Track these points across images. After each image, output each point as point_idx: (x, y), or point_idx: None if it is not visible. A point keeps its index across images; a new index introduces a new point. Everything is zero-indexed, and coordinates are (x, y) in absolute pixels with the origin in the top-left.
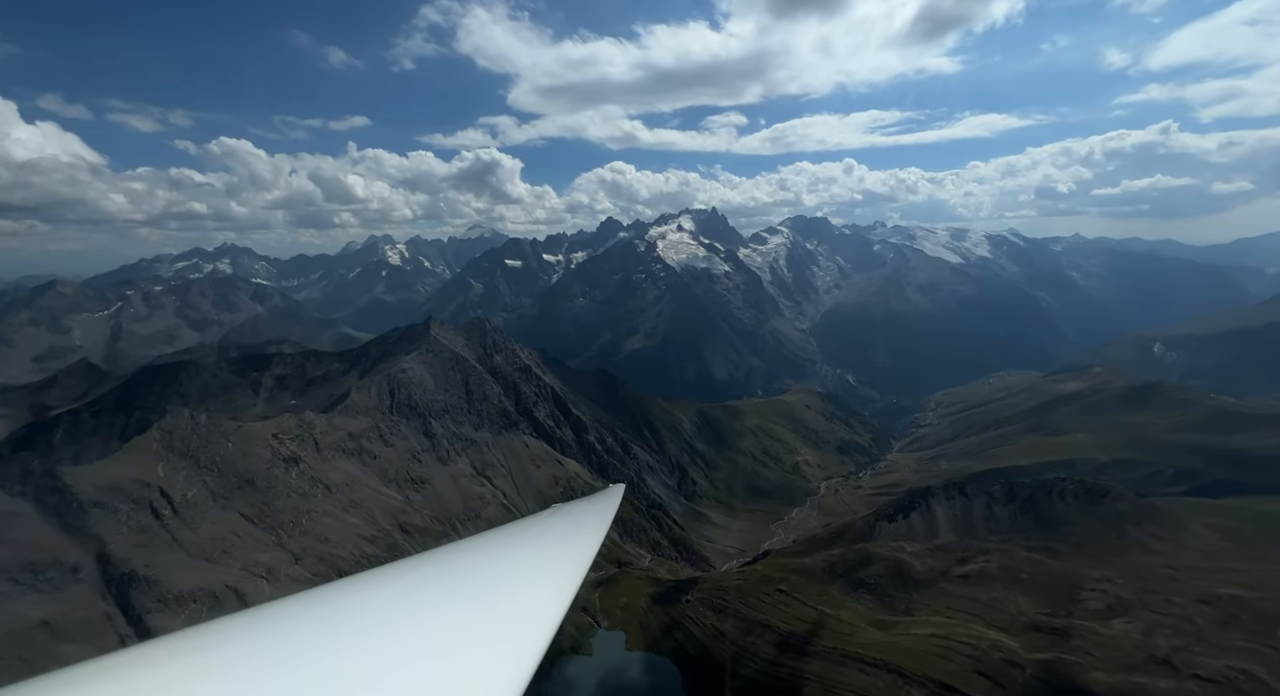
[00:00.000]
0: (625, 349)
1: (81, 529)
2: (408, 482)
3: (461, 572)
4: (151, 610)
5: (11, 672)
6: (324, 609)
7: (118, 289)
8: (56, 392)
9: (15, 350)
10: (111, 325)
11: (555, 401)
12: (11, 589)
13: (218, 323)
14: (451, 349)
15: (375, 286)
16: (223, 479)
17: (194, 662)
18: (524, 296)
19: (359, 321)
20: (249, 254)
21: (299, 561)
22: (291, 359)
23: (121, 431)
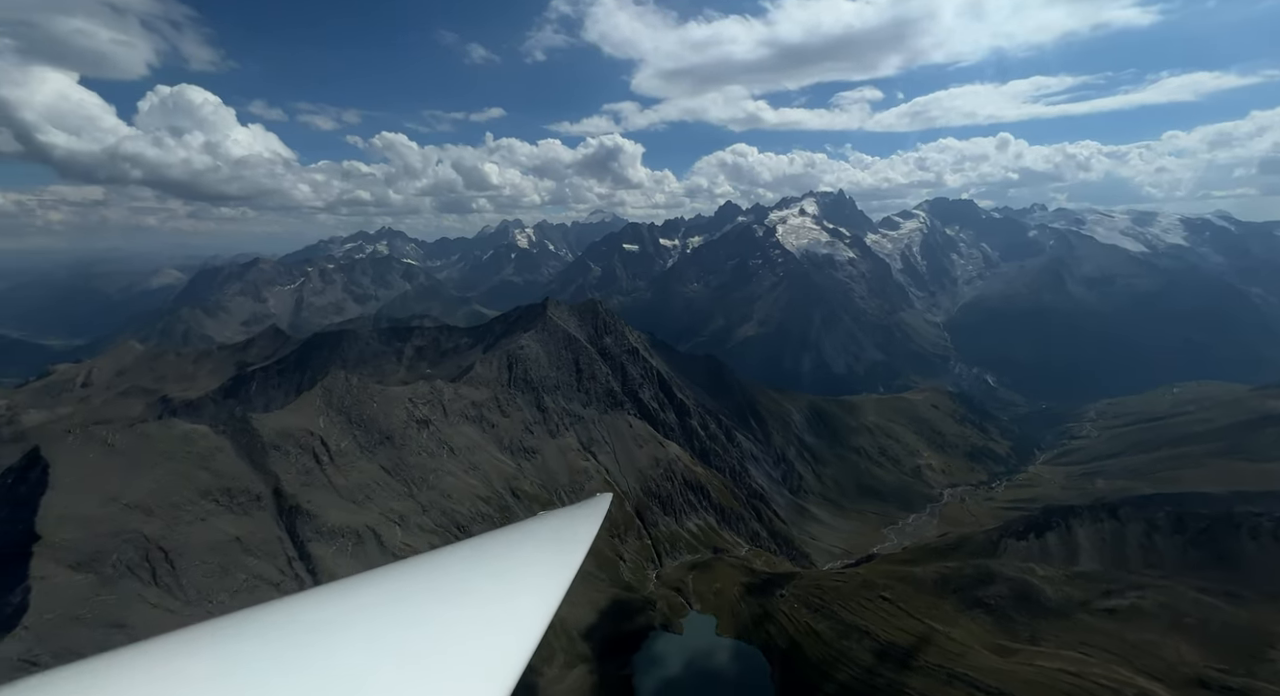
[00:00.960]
0: (737, 336)
1: (263, 465)
2: (520, 451)
3: (450, 578)
4: (310, 539)
5: (214, 577)
6: (309, 613)
7: (301, 266)
8: (254, 351)
9: (230, 315)
10: (296, 297)
11: (660, 384)
12: (214, 508)
13: (375, 297)
14: (565, 329)
15: (505, 268)
16: (368, 434)
17: (182, 665)
18: (639, 280)
19: (489, 300)
20: (402, 237)
21: (425, 512)
22: (429, 332)
23: (297, 387)
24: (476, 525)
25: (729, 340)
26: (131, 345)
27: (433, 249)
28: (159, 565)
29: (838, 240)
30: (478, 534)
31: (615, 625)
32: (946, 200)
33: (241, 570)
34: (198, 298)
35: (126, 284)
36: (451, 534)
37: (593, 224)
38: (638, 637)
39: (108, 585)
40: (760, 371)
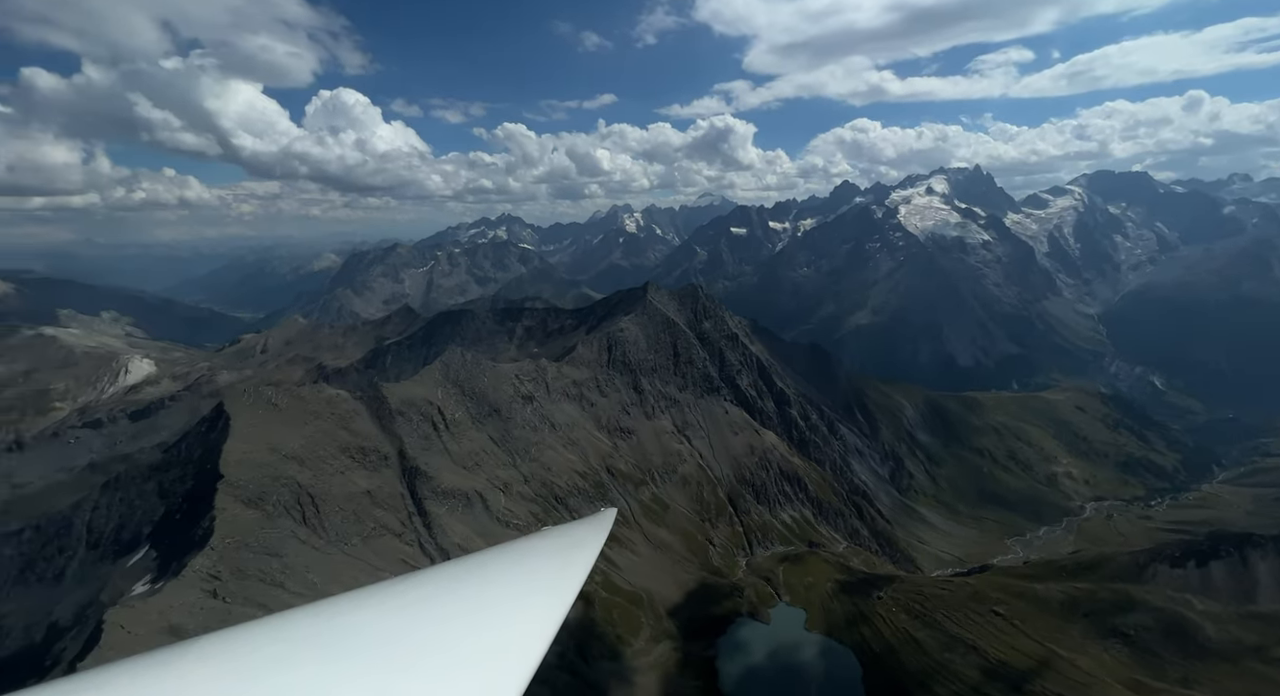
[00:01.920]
0: (848, 324)
1: (391, 429)
2: (617, 431)
3: (453, 592)
4: (427, 498)
5: (349, 523)
6: (315, 626)
7: (432, 251)
8: (390, 327)
9: (373, 294)
10: (427, 279)
11: (760, 371)
12: (350, 463)
13: (494, 280)
14: (664, 313)
15: (613, 252)
16: (479, 406)
17: (181, 678)
18: (746, 264)
19: (597, 283)
20: (519, 222)
21: (526, 482)
22: (537, 314)
23: (424, 360)
24: (572, 498)
25: (838, 328)
26: (297, 319)
27: (547, 234)
28: (307, 508)
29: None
30: (574, 506)
31: (701, 607)
32: (1111, 173)
33: (370, 519)
34: (348, 279)
35: (296, 266)
36: (550, 503)
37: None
38: (723, 622)
39: (269, 520)
40: (871, 362)
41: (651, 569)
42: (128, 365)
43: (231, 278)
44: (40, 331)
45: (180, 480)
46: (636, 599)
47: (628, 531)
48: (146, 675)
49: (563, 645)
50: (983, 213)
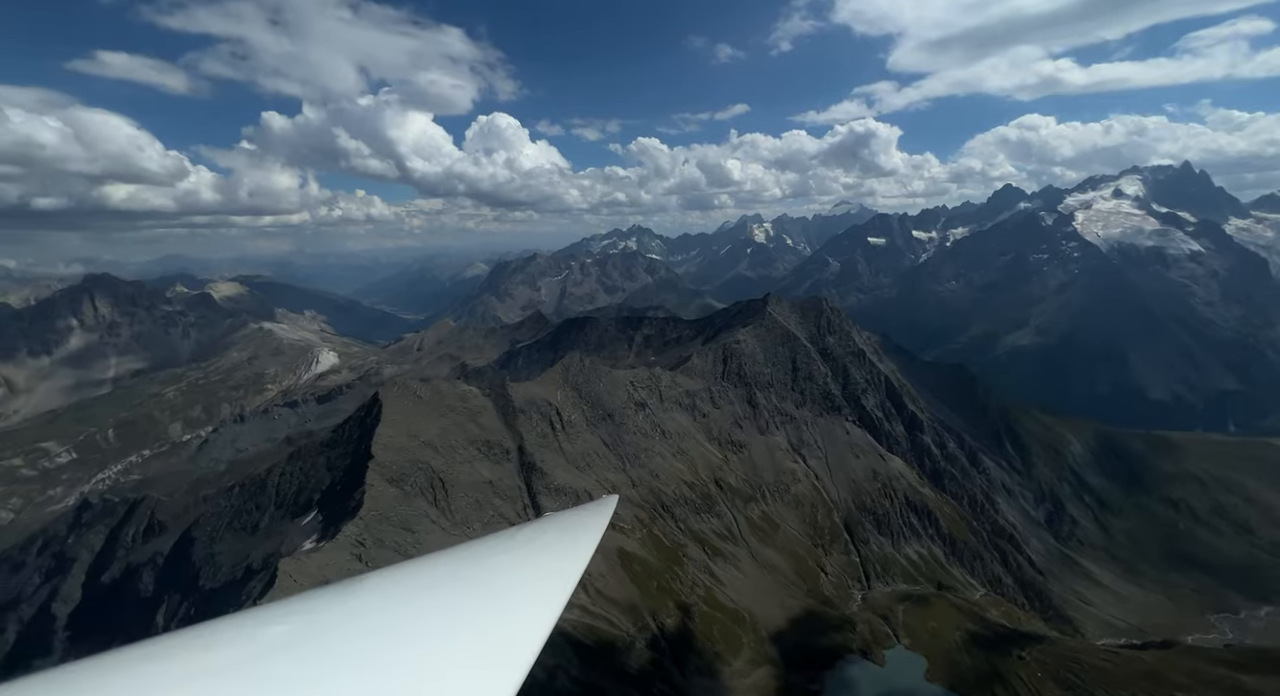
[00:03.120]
0: (1003, 345)
1: (513, 426)
2: (728, 444)
3: (456, 577)
4: (541, 493)
5: (472, 509)
6: (314, 613)
7: (566, 260)
8: (523, 331)
9: (513, 300)
10: (561, 287)
11: (888, 391)
12: (476, 454)
13: (622, 289)
14: (784, 326)
15: (740, 263)
16: (594, 409)
17: (181, 665)
18: (883, 276)
19: (722, 293)
20: (648, 233)
21: (635, 487)
22: (656, 322)
23: (550, 362)
24: (679, 507)
25: (991, 349)
26: (448, 322)
27: (675, 244)
28: (438, 491)
29: (1174, 228)
30: (680, 515)
31: (807, 636)
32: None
33: (490, 507)
34: (494, 286)
35: (453, 273)
36: (655, 510)
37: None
38: (830, 656)
39: (406, 499)
40: (1030, 389)
41: (756, 589)
42: (319, 356)
43: (401, 283)
44: (262, 326)
45: (342, 457)
46: (739, 618)
47: (734, 547)
48: (149, 664)
49: (660, 652)
50: (1192, 218)
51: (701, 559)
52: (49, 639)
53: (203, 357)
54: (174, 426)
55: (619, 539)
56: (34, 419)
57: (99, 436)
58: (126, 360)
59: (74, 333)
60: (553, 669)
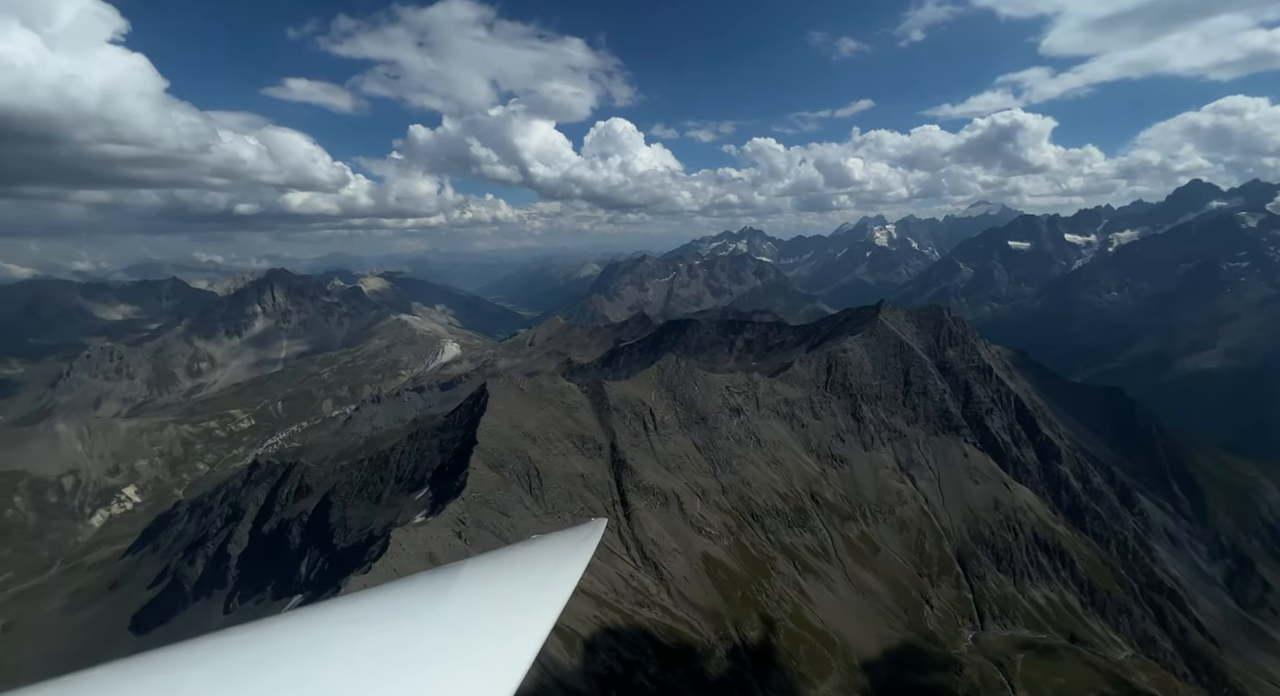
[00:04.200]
0: (1179, 368)
1: (607, 423)
2: (827, 457)
3: (437, 602)
4: (629, 490)
5: (563, 500)
6: (299, 634)
7: (674, 262)
8: (626, 331)
9: (621, 300)
10: (668, 289)
11: (1018, 413)
12: (571, 448)
13: (729, 291)
14: (897, 335)
15: (858, 267)
16: (687, 412)
17: (172, 680)
18: (1026, 285)
19: (835, 299)
20: (760, 235)
21: (724, 493)
22: (759, 327)
23: (650, 363)
24: (769, 518)
25: (1162, 372)
26: (558, 319)
27: (787, 247)
28: (533, 480)
29: None
30: (770, 526)
31: (904, 671)
32: None
33: (581, 500)
34: (603, 286)
35: (567, 273)
36: (744, 518)
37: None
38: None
39: (505, 485)
40: (1213, 422)
41: (850, 613)
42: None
43: (521, 281)
44: (400, 317)
45: (453, 440)
46: (828, 640)
47: (827, 566)
48: (142, 677)
49: (740, 663)
50: None
51: (791, 574)
52: (224, 574)
53: (352, 344)
54: (326, 403)
55: (704, 543)
56: (227, 389)
57: (271, 407)
58: (294, 343)
59: (258, 318)
60: (630, 664)
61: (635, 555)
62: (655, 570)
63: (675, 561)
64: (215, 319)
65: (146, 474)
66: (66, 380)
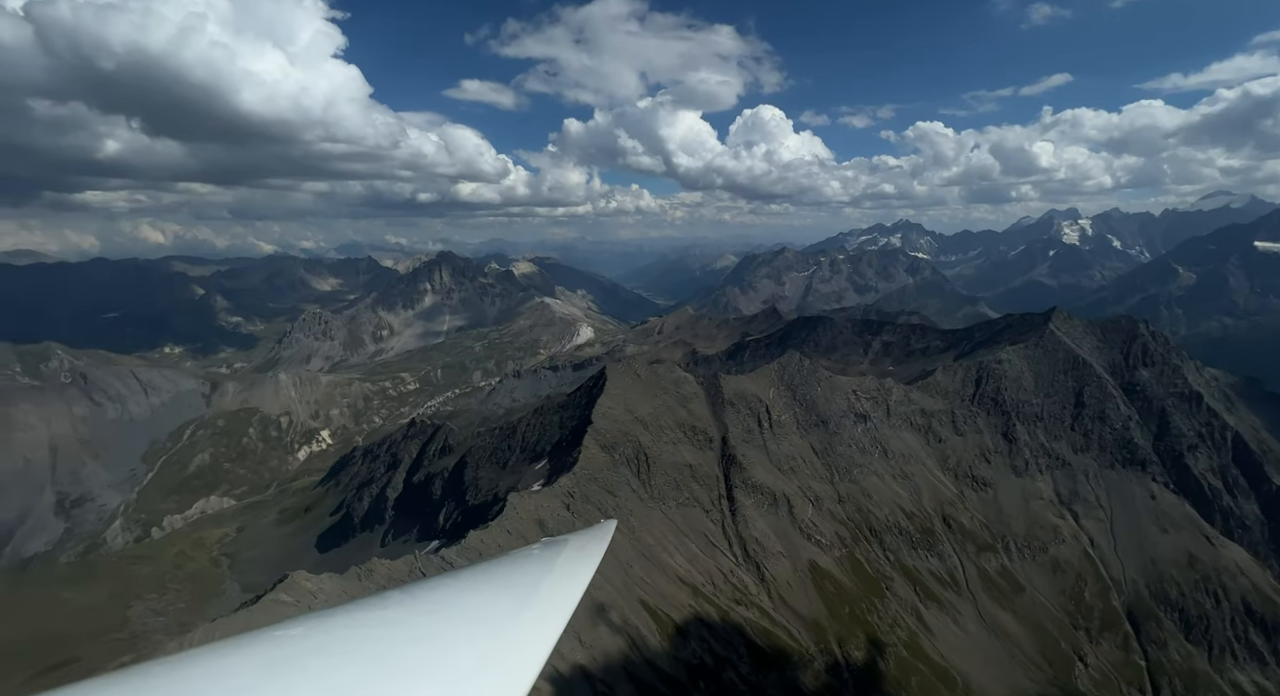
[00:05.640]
0: None
1: (720, 416)
2: (967, 478)
3: (448, 605)
4: (737, 486)
5: (669, 488)
6: (314, 637)
7: (816, 256)
8: (755, 325)
9: (755, 293)
10: (806, 283)
11: (1236, 453)
12: (681, 438)
13: (874, 289)
14: (1071, 348)
15: (1036, 267)
16: (807, 413)
17: (183, 686)
18: (1276, 297)
19: (1004, 302)
20: (918, 229)
21: (840, 502)
22: (899, 329)
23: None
24: (889, 535)
25: None
26: (688, 309)
27: (949, 242)
28: (641, 464)
29: None
30: (889, 544)
31: None
32: None
33: (687, 490)
34: (738, 278)
35: (703, 264)
36: (860, 531)
37: (1199, 212)
38: None
39: (614, 466)
40: None
41: (977, 652)
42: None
43: (658, 270)
44: (543, 300)
45: (571, 418)
46: (948, 678)
47: (955, 597)
48: (154, 683)
49: (840, 681)
50: None
51: (909, 598)
52: (383, 513)
53: (501, 322)
54: (475, 374)
55: (812, 551)
56: (400, 355)
57: (432, 374)
58: (455, 318)
59: (427, 294)
60: (721, 659)
61: (737, 551)
62: (757, 570)
63: (779, 564)
64: (395, 294)
65: (337, 421)
66: (288, 338)
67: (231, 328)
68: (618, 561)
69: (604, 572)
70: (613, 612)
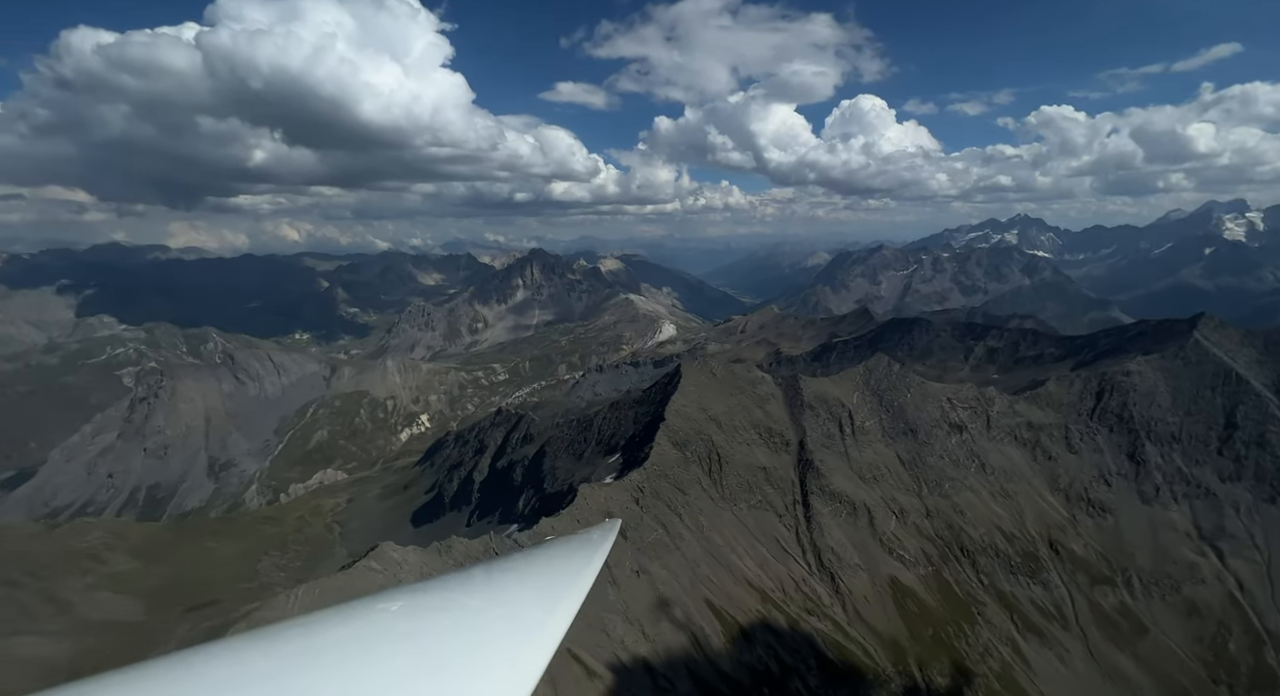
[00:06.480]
0: None
1: (798, 419)
2: (1081, 501)
3: (457, 603)
4: (813, 492)
5: (741, 490)
6: (314, 637)
7: (917, 254)
8: (844, 326)
9: (848, 293)
10: (905, 283)
11: None
12: (756, 439)
13: (983, 290)
14: (1223, 361)
15: (1188, 267)
16: (894, 420)
17: (190, 683)
18: None
19: (1141, 307)
20: (1039, 225)
21: (929, 517)
22: (1009, 334)
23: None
24: (984, 557)
25: None
26: (773, 308)
27: (1077, 239)
28: (714, 463)
29: None
30: (983, 566)
31: None
32: None
33: (760, 492)
34: (830, 277)
35: (793, 261)
36: (950, 550)
37: None
38: None
39: (684, 463)
40: None
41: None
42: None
43: (746, 268)
44: (628, 297)
45: (645, 414)
46: None
47: (1061, 632)
48: (162, 680)
49: None
50: None
51: (1005, 627)
52: (470, 494)
53: (587, 317)
54: (561, 367)
55: (893, 566)
56: (492, 347)
57: (520, 366)
58: (543, 313)
59: (519, 290)
60: (789, 668)
61: (811, 560)
62: (831, 581)
63: (856, 577)
64: (490, 288)
65: (435, 406)
66: (396, 328)
67: (350, 317)
68: (685, 559)
69: (670, 568)
70: (676, 609)
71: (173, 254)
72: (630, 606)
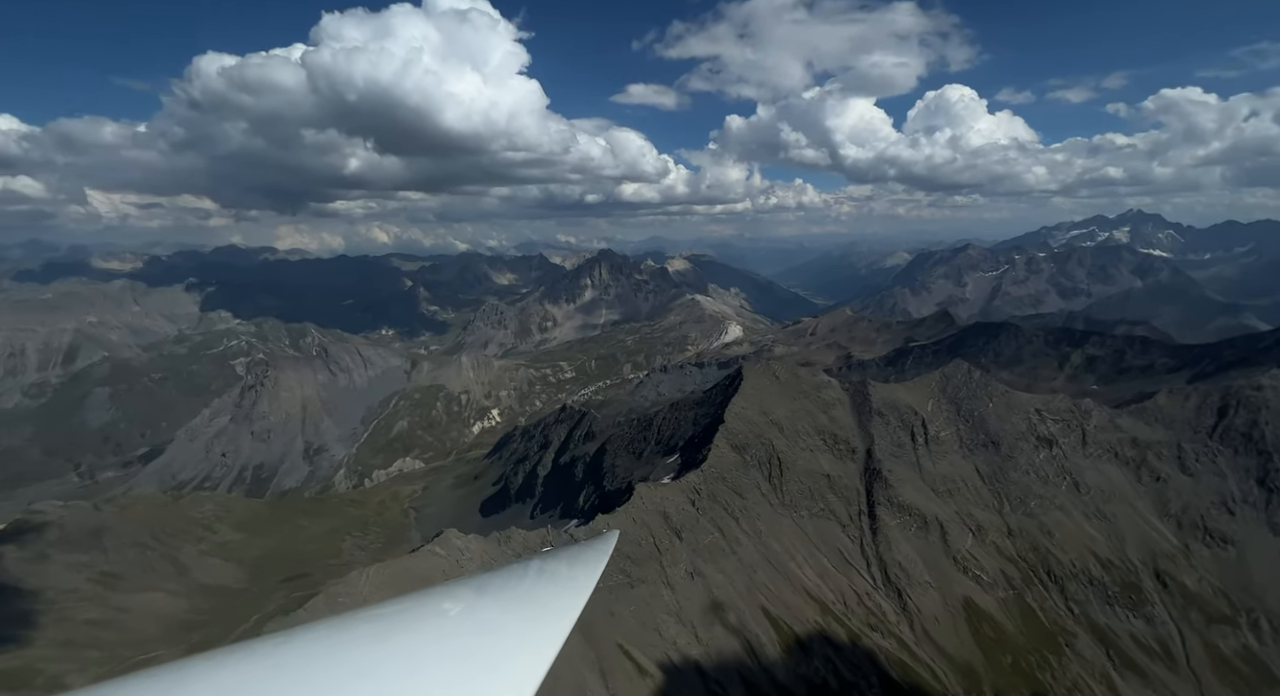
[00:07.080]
0: None
1: (865, 426)
2: (1196, 529)
3: (455, 613)
4: (880, 503)
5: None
6: (312, 646)
7: (1009, 253)
8: (922, 330)
9: (929, 294)
10: (994, 284)
11: None
12: (820, 445)
13: (1086, 292)
14: None
15: None
16: (973, 431)
17: (191, 690)
18: None
19: None
20: (1155, 221)
21: (1010, 536)
22: (1113, 341)
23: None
24: (1073, 584)
25: None
26: (845, 311)
27: (1202, 236)
28: (774, 468)
29: None
30: (1076, 589)
31: None
32: None
33: (823, 501)
34: (909, 278)
35: (871, 261)
36: (1033, 573)
37: None
38: None
39: (744, 467)
40: None
41: None
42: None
43: (819, 268)
44: (694, 297)
45: (705, 415)
46: None
47: (1168, 673)
48: (167, 686)
49: None
50: None
51: (1099, 662)
52: (533, 488)
53: (653, 317)
54: (626, 366)
55: (968, 586)
56: (561, 345)
57: (587, 364)
58: (610, 312)
59: (587, 289)
60: (848, 684)
61: (876, 574)
62: (898, 597)
63: (926, 596)
64: (560, 288)
65: (505, 401)
66: (471, 326)
67: (430, 315)
68: (741, 564)
69: (726, 572)
70: (730, 613)
71: (279, 255)
72: (684, 608)
